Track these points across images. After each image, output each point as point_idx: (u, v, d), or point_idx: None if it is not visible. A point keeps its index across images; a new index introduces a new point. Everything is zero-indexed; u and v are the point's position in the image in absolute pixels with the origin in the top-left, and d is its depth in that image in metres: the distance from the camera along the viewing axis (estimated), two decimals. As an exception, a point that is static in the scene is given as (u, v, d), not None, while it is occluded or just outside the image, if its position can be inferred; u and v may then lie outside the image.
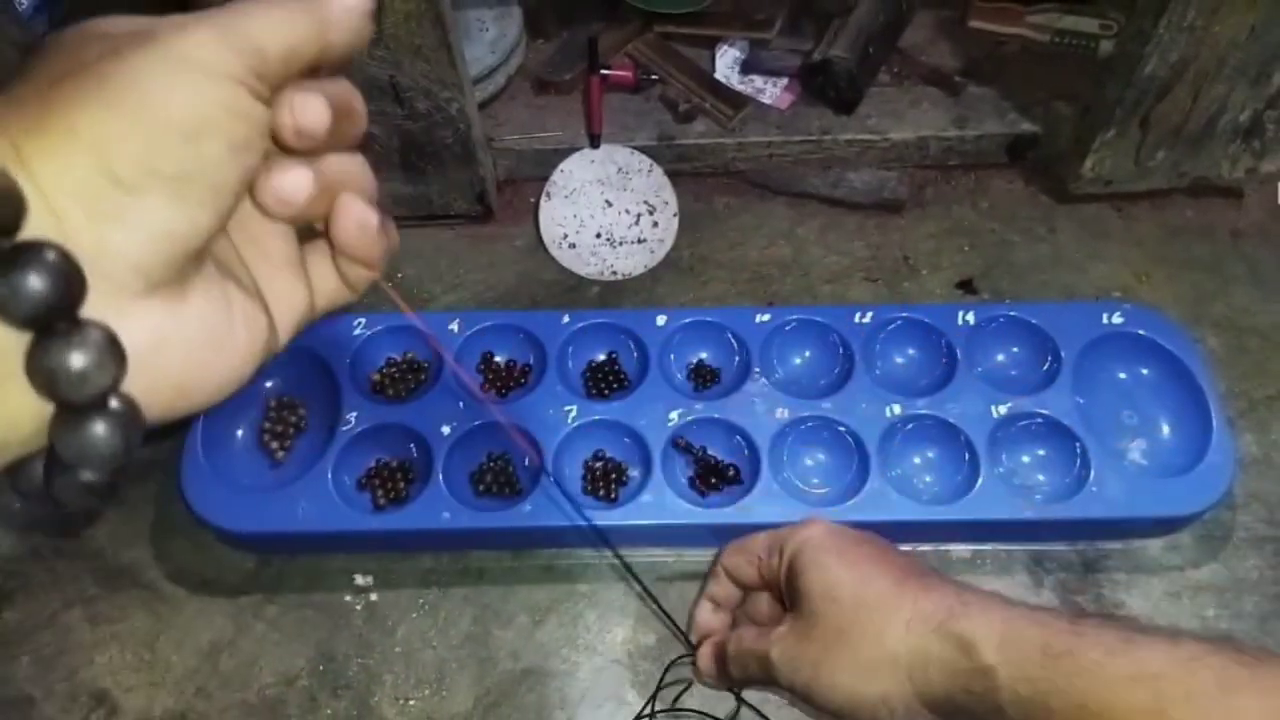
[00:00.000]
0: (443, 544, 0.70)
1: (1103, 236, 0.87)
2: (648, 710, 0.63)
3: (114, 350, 0.22)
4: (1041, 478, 0.70)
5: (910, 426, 0.70)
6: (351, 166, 0.30)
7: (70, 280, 0.21)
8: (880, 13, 0.90)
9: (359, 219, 0.29)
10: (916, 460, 0.71)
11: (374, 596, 0.69)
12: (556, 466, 0.68)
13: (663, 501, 0.66)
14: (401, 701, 0.64)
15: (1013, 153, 0.91)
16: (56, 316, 0.21)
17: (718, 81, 0.92)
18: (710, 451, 0.70)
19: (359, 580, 0.69)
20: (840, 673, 0.46)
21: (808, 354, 0.76)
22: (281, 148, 0.28)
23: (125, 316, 0.23)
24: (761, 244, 0.88)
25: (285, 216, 0.28)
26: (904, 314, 0.74)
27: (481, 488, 0.70)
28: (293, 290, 0.30)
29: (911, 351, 0.75)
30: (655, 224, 0.87)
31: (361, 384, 0.73)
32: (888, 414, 0.69)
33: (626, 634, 0.67)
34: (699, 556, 0.69)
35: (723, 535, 0.66)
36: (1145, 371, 0.73)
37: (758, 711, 0.63)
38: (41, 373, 0.21)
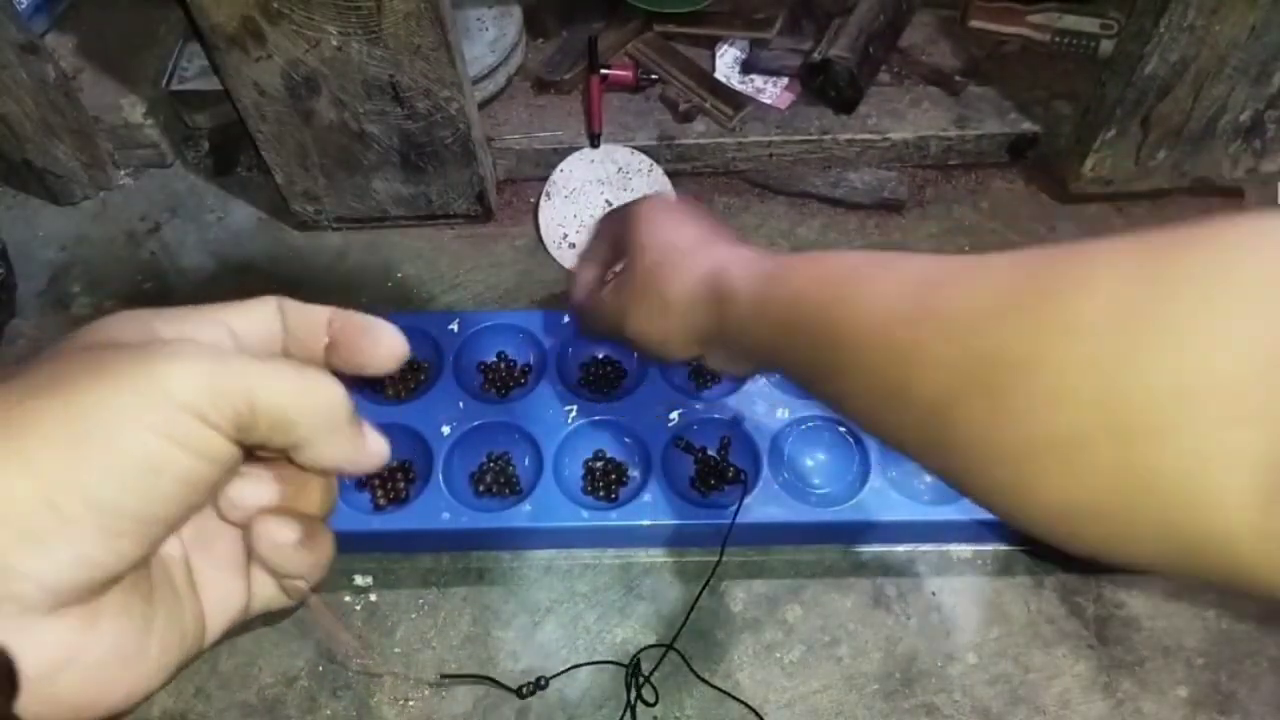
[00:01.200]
0: (443, 544, 0.70)
1: (1103, 236, 0.87)
2: (632, 699, 0.62)
3: (7, 680, 0.21)
4: (1042, 478, 0.70)
5: (911, 426, 0.70)
6: (314, 480, 0.29)
7: None
8: (881, 12, 0.90)
9: (270, 538, 0.28)
10: (917, 460, 0.71)
11: (374, 596, 0.69)
12: (556, 466, 0.68)
13: (663, 502, 0.66)
14: (401, 702, 0.64)
15: (1013, 152, 0.91)
16: None
17: (718, 81, 0.92)
18: (710, 451, 0.70)
19: (359, 580, 0.69)
20: (640, 316, 0.54)
21: (808, 354, 0.76)
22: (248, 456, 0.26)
23: (26, 635, 0.22)
24: (762, 244, 0.88)
25: (235, 520, 0.27)
26: (904, 314, 0.74)
27: (481, 488, 0.70)
28: (231, 591, 0.29)
29: (912, 351, 0.75)
30: (655, 224, 0.87)
31: (362, 384, 0.73)
32: (888, 414, 0.69)
33: (627, 634, 0.66)
34: (699, 557, 0.68)
35: (723, 536, 0.66)
36: (1146, 371, 0.73)
37: (756, 712, 0.63)
38: None
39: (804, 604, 0.67)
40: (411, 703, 0.64)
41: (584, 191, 0.88)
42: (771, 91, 0.92)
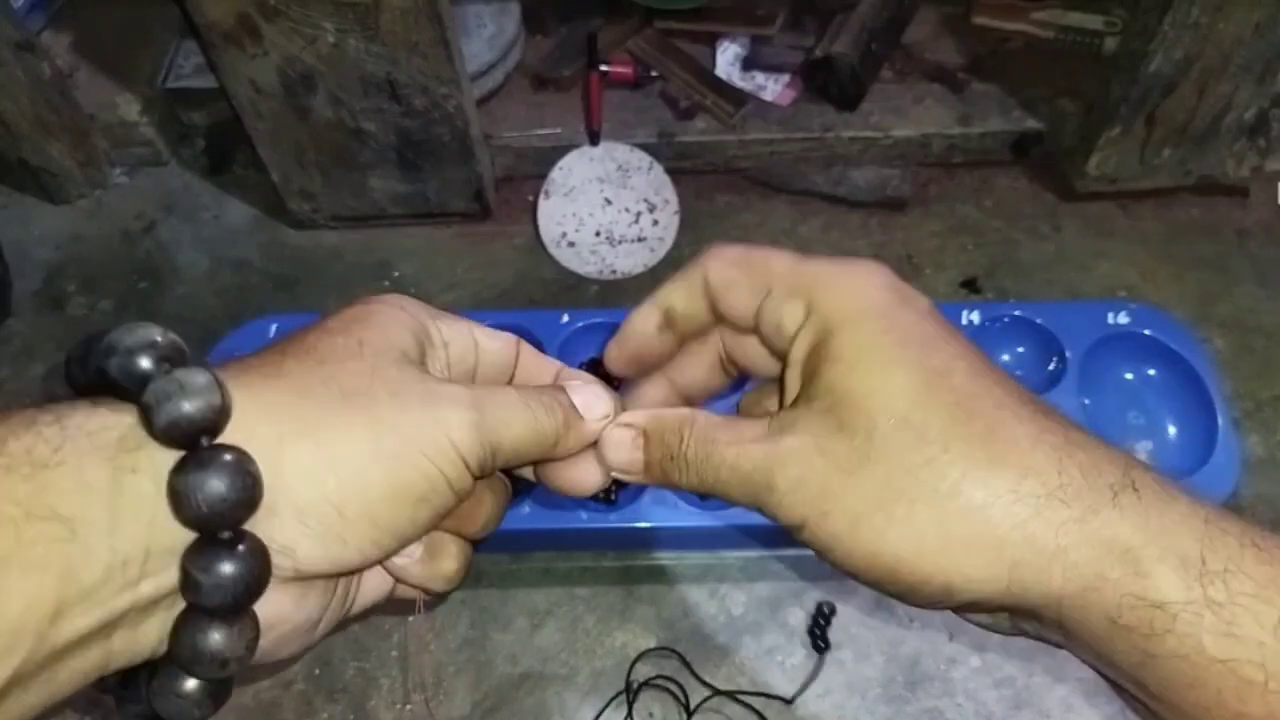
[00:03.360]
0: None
1: (1108, 235, 0.86)
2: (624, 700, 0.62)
3: (255, 643, 0.24)
4: (1046, 479, 0.69)
5: (913, 427, 0.69)
6: (485, 503, 0.32)
7: (263, 584, 0.24)
8: (883, 9, 0.89)
9: (448, 568, 0.32)
10: (919, 461, 0.70)
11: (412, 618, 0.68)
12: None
13: (663, 502, 0.66)
14: (399, 706, 0.64)
15: (1017, 150, 0.90)
16: (229, 611, 0.23)
17: (719, 78, 0.91)
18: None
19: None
20: (905, 535, 0.27)
21: (809, 354, 0.75)
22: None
23: (265, 599, 0.25)
24: (763, 242, 0.87)
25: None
26: (907, 313, 0.74)
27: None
28: (381, 582, 0.31)
29: (914, 351, 0.74)
30: (655, 222, 0.87)
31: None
32: (890, 415, 0.69)
33: (626, 638, 0.66)
34: (700, 560, 0.68)
35: (724, 539, 0.65)
36: (1151, 372, 0.73)
37: (760, 715, 0.62)
38: (189, 647, 0.23)
39: (805, 607, 0.67)
40: (409, 707, 0.64)
41: (583, 189, 0.88)
42: (773, 88, 0.91)
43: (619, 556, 0.69)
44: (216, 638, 0.23)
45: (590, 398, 0.32)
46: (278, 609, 0.25)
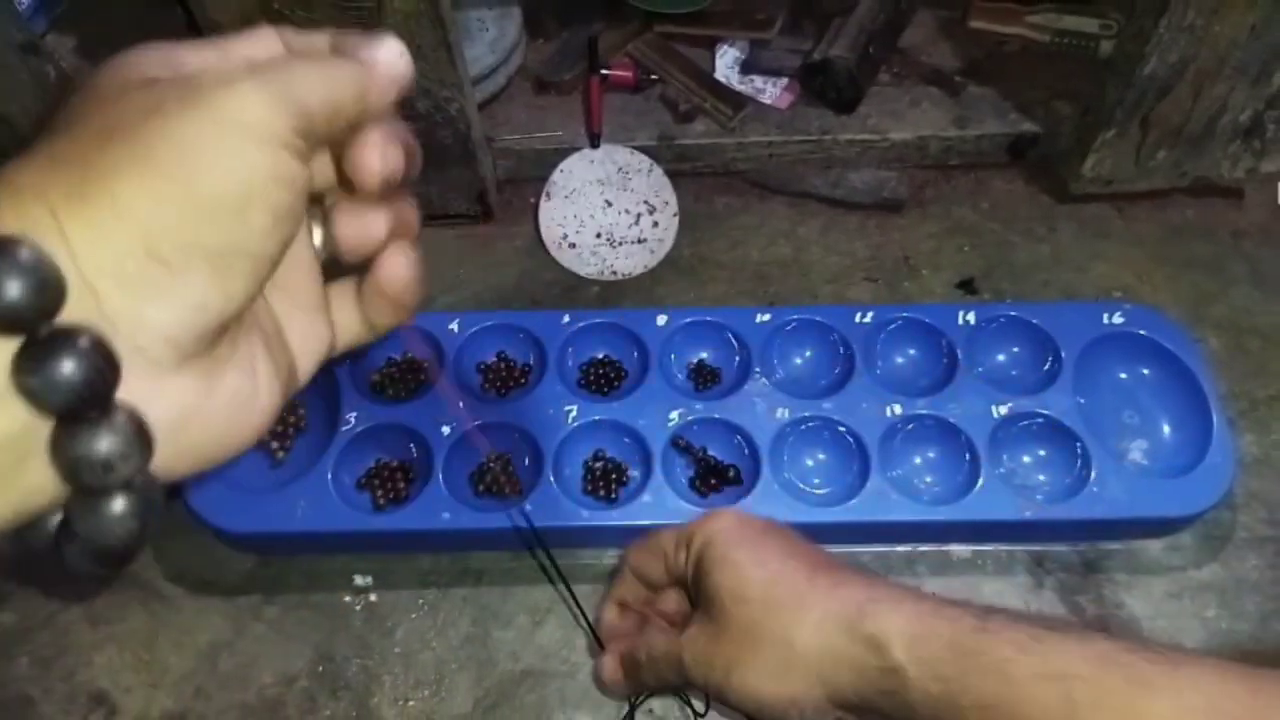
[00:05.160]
0: (442, 544, 0.70)
1: (1103, 236, 0.87)
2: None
3: (141, 439, 0.22)
4: (1042, 478, 0.70)
5: (911, 427, 0.70)
6: (408, 212, 0.30)
7: (105, 371, 0.21)
8: (880, 12, 0.90)
9: (407, 269, 0.30)
10: (917, 460, 0.71)
11: (373, 597, 0.69)
12: (556, 466, 0.68)
13: (663, 502, 0.66)
14: (401, 703, 0.64)
15: (1013, 152, 0.91)
16: (88, 406, 0.21)
17: (718, 81, 0.92)
18: (710, 452, 0.70)
19: (358, 581, 0.69)
20: (751, 674, 0.44)
21: (808, 354, 0.76)
22: (345, 192, 0.28)
23: (156, 394, 0.22)
24: (762, 244, 0.88)
25: (357, 256, 0.29)
26: (904, 314, 0.74)
27: (481, 488, 0.70)
28: (316, 331, 0.30)
29: (912, 351, 0.75)
30: (655, 224, 0.87)
31: (361, 384, 0.73)
32: (888, 414, 0.69)
33: (626, 634, 0.66)
34: (699, 557, 0.68)
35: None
36: (1146, 372, 0.73)
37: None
38: (66, 460, 0.21)
39: (804, 604, 0.67)
40: (411, 704, 0.64)
41: (584, 192, 0.88)
42: (771, 91, 0.92)
43: (619, 554, 0.69)
44: (88, 442, 0.21)
45: (374, 41, 0.30)
46: (187, 397, 0.23)
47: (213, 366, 0.24)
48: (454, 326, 0.75)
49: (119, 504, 0.22)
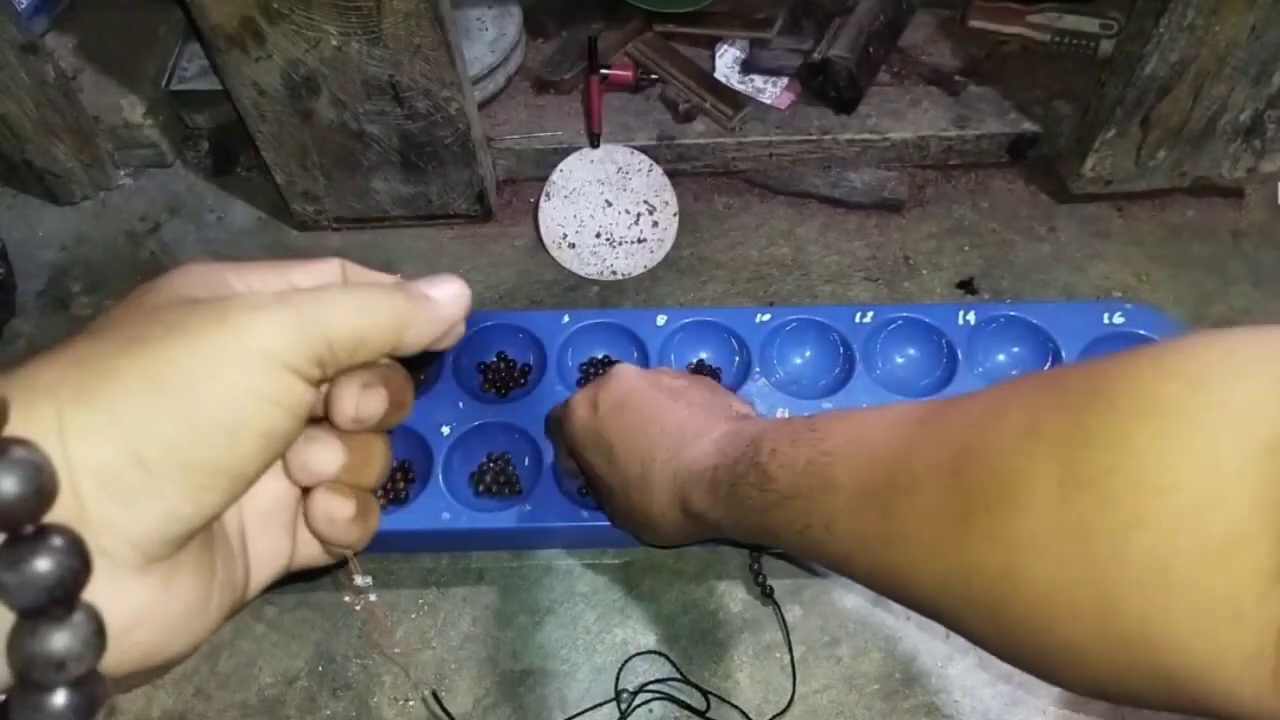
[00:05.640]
0: (442, 544, 0.70)
1: (1103, 236, 0.87)
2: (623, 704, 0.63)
3: (97, 639, 0.22)
4: (1042, 478, 0.69)
5: (910, 426, 0.70)
6: (375, 457, 0.30)
7: (78, 571, 0.21)
8: (880, 12, 0.90)
9: (326, 512, 0.29)
10: (917, 460, 0.70)
11: (373, 597, 0.68)
12: (556, 466, 0.68)
13: (663, 502, 0.66)
14: (401, 702, 0.64)
15: (1013, 152, 0.91)
16: (55, 605, 0.21)
17: (718, 81, 0.92)
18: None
19: (358, 580, 0.69)
20: (629, 523, 0.58)
21: (808, 354, 0.76)
22: (315, 419, 0.27)
23: (114, 595, 0.22)
24: (762, 244, 0.88)
25: (305, 483, 0.28)
26: (904, 314, 0.74)
27: (481, 488, 0.70)
28: (277, 548, 0.30)
29: (912, 351, 0.75)
30: (655, 224, 0.87)
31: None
32: (888, 414, 0.69)
33: (627, 635, 0.66)
34: (699, 557, 0.68)
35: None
36: (1146, 371, 0.73)
37: (748, 717, 0.63)
38: (20, 656, 0.21)
39: (803, 604, 0.67)
40: (411, 703, 0.64)
41: (584, 192, 0.88)
42: (771, 91, 0.92)
43: (619, 554, 0.69)
44: (46, 640, 0.21)
45: (437, 280, 0.30)
46: (144, 599, 0.23)
47: (172, 571, 0.24)
48: (454, 326, 0.74)
49: (61, 700, 0.21)
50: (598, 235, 0.87)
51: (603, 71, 0.89)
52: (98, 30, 0.97)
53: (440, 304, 0.29)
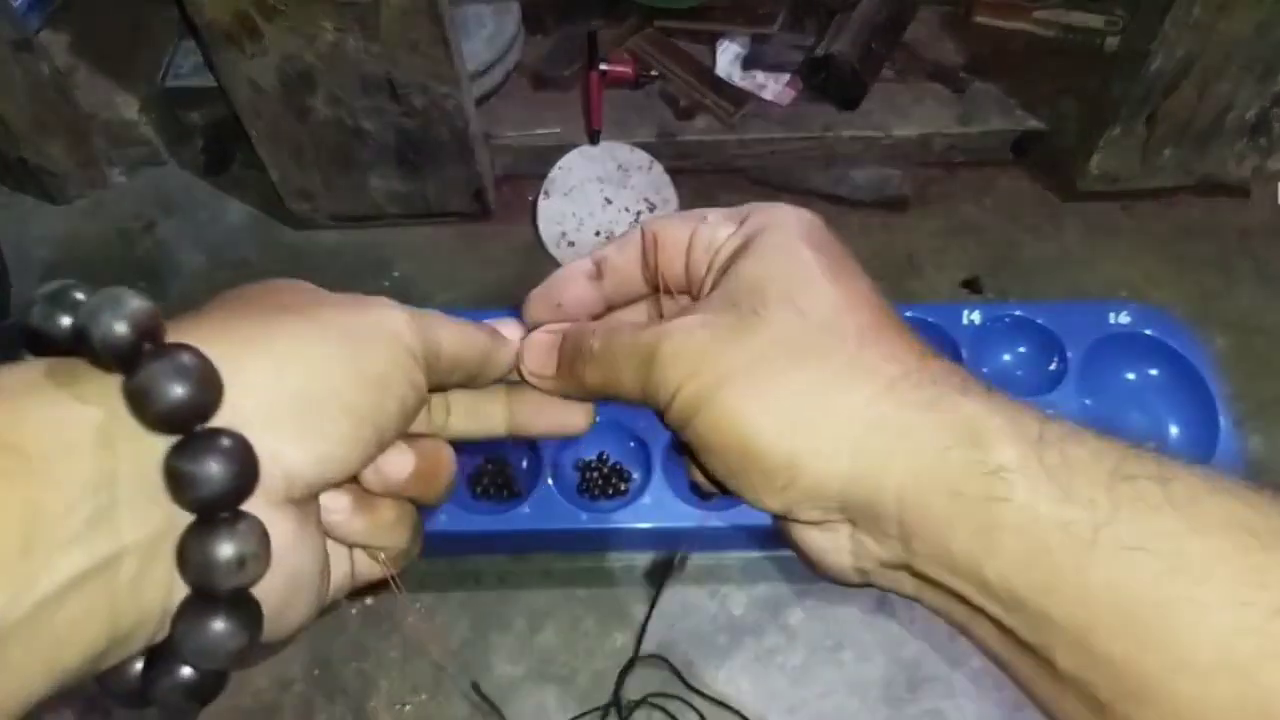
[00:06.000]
0: (440, 548, 0.69)
1: (1109, 235, 0.86)
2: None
3: (266, 544, 0.23)
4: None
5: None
6: (443, 459, 0.32)
7: (248, 471, 0.23)
8: (883, 8, 0.89)
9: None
10: (920, 462, 0.70)
11: (370, 601, 0.68)
12: (557, 466, 0.67)
13: (663, 504, 0.65)
14: (398, 707, 0.64)
15: (1018, 150, 0.90)
16: (224, 505, 0.22)
17: (719, 77, 0.91)
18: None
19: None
20: (755, 402, 0.28)
21: (810, 354, 0.75)
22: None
23: (266, 516, 0.24)
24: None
25: (376, 489, 0.30)
26: (908, 313, 0.73)
27: (479, 490, 0.69)
28: (338, 556, 0.30)
29: (915, 351, 0.74)
30: (655, 222, 0.86)
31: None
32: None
33: (626, 639, 0.66)
34: (700, 560, 0.68)
35: (724, 538, 0.65)
36: (1153, 372, 0.72)
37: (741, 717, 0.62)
38: (196, 558, 0.22)
39: (806, 608, 0.66)
40: (408, 708, 0.64)
41: (583, 189, 0.87)
42: (773, 88, 0.91)
43: (618, 557, 0.69)
44: (227, 540, 0.22)
45: (512, 326, 0.35)
46: (286, 534, 0.24)
47: (305, 519, 0.26)
48: (452, 326, 0.74)
49: (229, 620, 0.23)
50: (597, 233, 0.86)
51: (602, 67, 0.89)
52: (92, 27, 0.96)
53: (511, 343, 0.33)
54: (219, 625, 0.22)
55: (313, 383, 0.25)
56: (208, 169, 0.95)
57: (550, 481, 0.66)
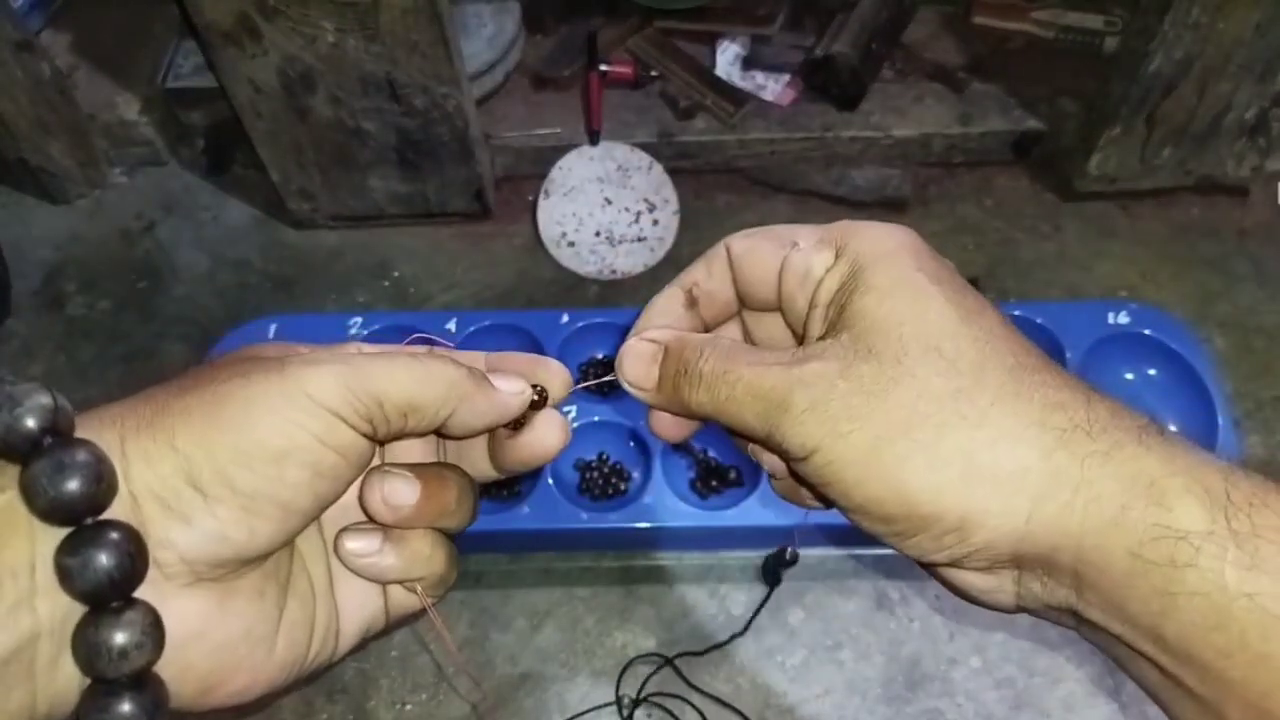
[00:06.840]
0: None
1: (1108, 235, 0.86)
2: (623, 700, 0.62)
3: (155, 632, 0.24)
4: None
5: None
6: (451, 485, 0.30)
7: (135, 562, 0.23)
8: (883, 8, 0.89)
9: (341, 544, 0.29)
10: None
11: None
12: (555, 468, 0.68)
13: (663, 503, 0.65)
14: (398, 706, 0.64)
15: (1018, 150, 0.90)
16: (111, 596, 0.23)
17: (718, 78, 0.91)
18: (711, 453, 0.70)
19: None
20: (924, 464, 0.26)
21: (810, 354, 0.75)
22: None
23: (167, 604, 0.24)
24: (763, 242, 0.87)
25: (385, 520, 0.29)
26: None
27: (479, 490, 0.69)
28: (365, 597, 0.30)
29: (915, 351, 0.74)
30: (655, 222, 0.86)
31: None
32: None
33: (626, 638, 0.66)
34: (700, 560, 0.68)
35: (723, 538, 0.65)
36: (1152, 372, 0.72)
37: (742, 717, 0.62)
38: (86, 646, 0.23)
39: (806, 607, 0.67)
40: (408, 707, 0.64)
41: (583, 189, 0.87)
42: (773, 88, 0.91)
43: (619, 557, 0.69)
44: (109, 630, 0.23)
45: (511, 376, 0.30)
46: (197, 614, 0.25)
47: (226, 596, 0.26)
48: (451, 326, 0.74)
49: (129, 704, 0.23)
50: (597, 233, 0.86)
51: (602, 68, 0.89)
52: (93, 28, 0.96)
53: (500, 394, 0.29)
54: (121, 708, 0.23)
55: (201, 465, 0.24)
56: (208, 169, 0.95)
57: (550, 481, 0.66)
